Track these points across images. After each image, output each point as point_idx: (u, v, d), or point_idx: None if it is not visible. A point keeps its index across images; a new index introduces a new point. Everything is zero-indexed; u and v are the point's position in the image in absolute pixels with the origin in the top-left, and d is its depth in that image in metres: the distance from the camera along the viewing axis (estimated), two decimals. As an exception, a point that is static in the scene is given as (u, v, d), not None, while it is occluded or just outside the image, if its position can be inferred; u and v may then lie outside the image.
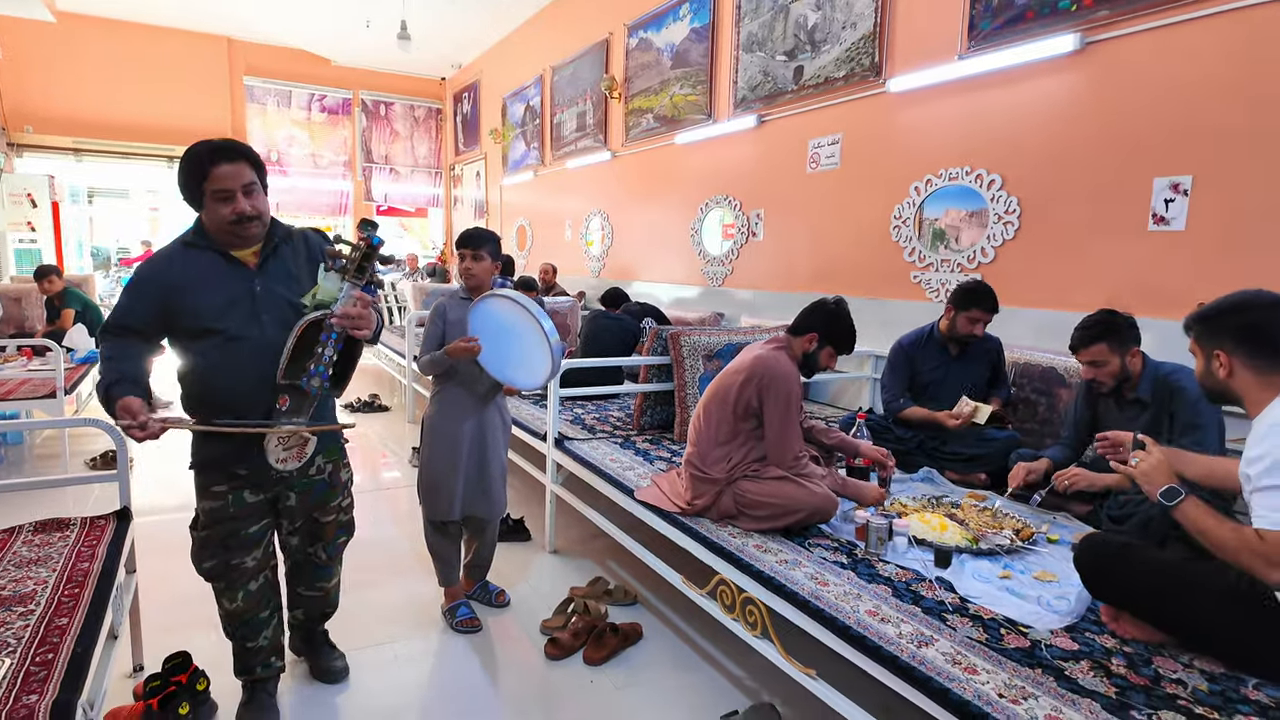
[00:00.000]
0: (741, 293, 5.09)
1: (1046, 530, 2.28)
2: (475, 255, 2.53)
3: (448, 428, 2.54)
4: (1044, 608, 1.79)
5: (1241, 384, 1.56)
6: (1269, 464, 1.43)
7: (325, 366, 1.74)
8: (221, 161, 1.73)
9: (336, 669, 2.26)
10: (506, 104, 8.76)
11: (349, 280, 1.75)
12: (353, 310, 1.74)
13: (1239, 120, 2.59)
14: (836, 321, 2.40)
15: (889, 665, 1.58)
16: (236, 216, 1.74)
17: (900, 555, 2.08)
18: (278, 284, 1.83)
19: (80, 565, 1.90)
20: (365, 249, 1.75)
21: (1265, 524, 1.41)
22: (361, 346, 1.87)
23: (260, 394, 1.77)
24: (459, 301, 2.57)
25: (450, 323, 2.53)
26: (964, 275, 3.55)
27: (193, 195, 1.77)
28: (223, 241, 1.80)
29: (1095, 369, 2.39)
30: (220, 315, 1.76)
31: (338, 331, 1.73)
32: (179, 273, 1.77)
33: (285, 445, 1.77)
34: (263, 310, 1.79)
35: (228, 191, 1.73)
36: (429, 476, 2.57)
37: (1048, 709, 1.39)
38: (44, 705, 1.29)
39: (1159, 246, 2.82)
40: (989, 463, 2.79)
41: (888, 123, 3.92)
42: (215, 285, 1.78)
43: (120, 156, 9.17)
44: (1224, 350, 1.57)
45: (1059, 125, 3.15)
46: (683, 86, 5.52)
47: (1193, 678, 1.50)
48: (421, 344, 2.59)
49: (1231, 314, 1.59)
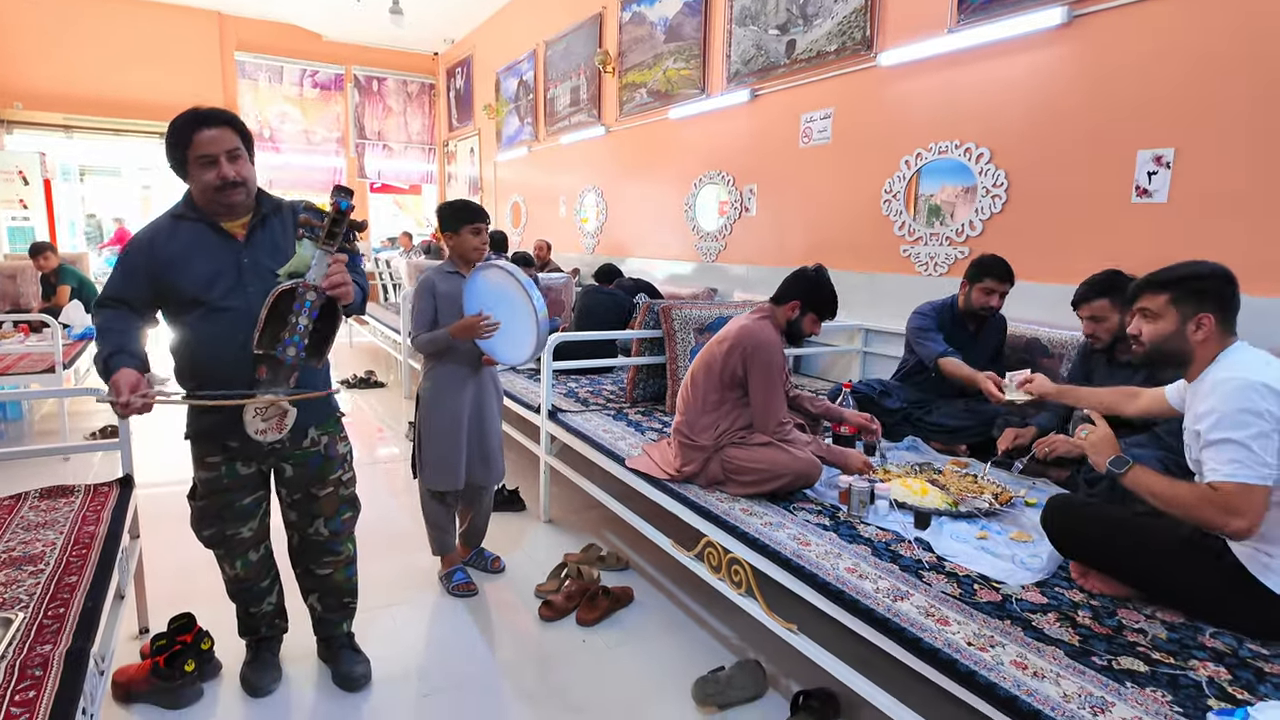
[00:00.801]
0: (735, 268, 5.13)
1: (1025, 495, 2.35)
2: (487, 229, 2.56)
3: (447, 400, 2.58)
4: (1017, 565, 1.86)
5: (1205, 348, 1.63)
6: (1216, 419, 1.51)
7: (300, 336, 1.72)
8: (204, 127, 1.74)
9: (356, 675, 2.13)
10: (500, 79, 8.71)
11: (321, 247, 1.73)
12: (336, 278, 1.73)
13: (1219, 93, 2.62)
14: (817, 288, 2.45)
15: (865, 618, 1.65)
16: (220, 182, 1.74)
17: (881, 518, 2.15)
18: (264, 256, 1.83)
19: (86, 529, 1.96)
20: (335, 214, 1.73)
21: (1218, 476, 1.48)
22: (339, 315, 1.82)
23: (245, 365, 1.76)
24: (446, 275, 2.58)
25: (440, 296, 2.54)
26: (953, 249, 3.60)
27: (179, 164, 1.78)
28: (210, 212, 1.80)
29: (1095, 324, 2.44)
30: (207, 286, 1.77)
31: (310, 300, 1.72)
32: (167, 244, 1.78)
33: (264, 416, 1.76)
34: (249, 282, 1.79)
35: (210, 156, 1.74)
36: (433, 449, 2.60)
37: (1013, 655, 1.46)
38: (58, 654, 1.36)
39: (1142, 218, 2.87)
40: (972, 434, 2.86)
41: (879, 97, 3.94)
42: (202, 256, 1.78)
43: (111, 133, 9.12)
44: (1209, 314, 1.62)
45: (1046, 98, 3.18)
46: (676, 61, 5.51)
47: (1154, 627, 1.58)
48: (412, 320, 2.61)
49: (1217, 279, 1.65)
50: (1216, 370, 1.60)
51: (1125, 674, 1.40)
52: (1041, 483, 2.52)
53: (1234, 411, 1.49)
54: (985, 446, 2.77)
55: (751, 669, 2.12)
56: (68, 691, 1.28)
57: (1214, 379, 1.58)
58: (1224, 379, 1.55)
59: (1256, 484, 1.45)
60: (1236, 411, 1.49)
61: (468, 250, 2.56)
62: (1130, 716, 1.28)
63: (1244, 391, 1.49)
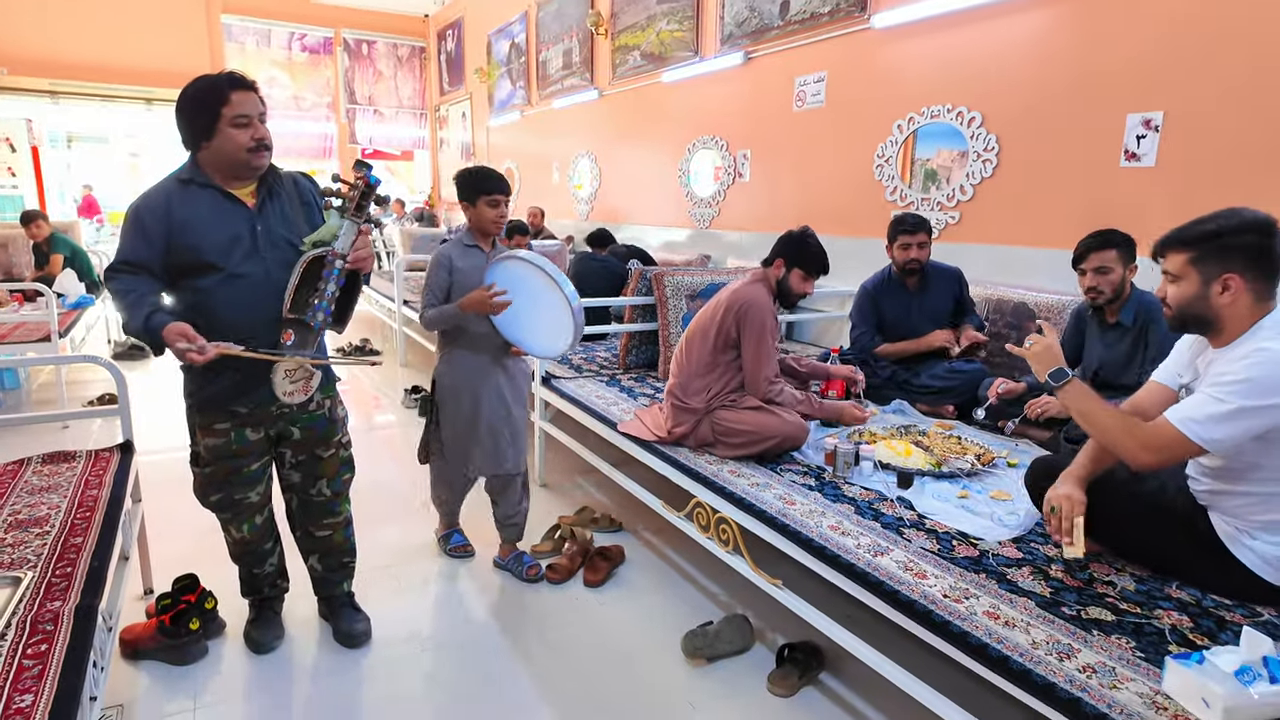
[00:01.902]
0: (729, 234, 5.13)
1: (1007, 455, 2.40)
2: (507, 201, 2.40)
3: (465, 386, 2.46)
4: (995, 522, 1.92)
5: (1237, 310, 1.50)
6: (1232, 379, 1.43)
7: (328, 302, 1.80)
8: (240, 89, 1.76)
9: (357, 632, 2.19)
10: (491, 41, 8.59)
11: (349, 218, 1.80)
12: (363, 252, 1.82)
13: (1209, 56, 2.62)
14: (802, 245, 2.48)
15: (846, 573, 1.71)
16: (256, 143, 1.78)
17: (865, 478, 2.21)
18: (277, 224, 1.87)
19: (89, 493, 2.01)
20: (364, 188, 1.81)
21: (1175, 415, 1.49)
22: (361, 284, 1.92)
23: (263, 331, 1.81)
24: (465, 249, 2.42)
25: (458, 271, 2.40)
26: (943, 214, 3.61)
27: (207, 124, 1.75)
28: (225, 176, 1.82)
29: (1100, 276, 2.40)
30: (224, 251, 1.79)
31: (339, 268, 1.79)
32: (179, 208, 1.78)
33: (292, 379, 1.83)
34: (264, 248, 1.83)
35: (247, 116, 1.76)
36: (449, 436, 2.51)
37: (986, 606, 1.53)
38: (68, 610, 1.41)
39: (1130, 182, 2.88)
40: (958, 395, 2.91)
41: (872, 60, 3.92)
42: (217, 221, 1.80)
43: (98, 99, 9.00)
44: (1236, 272, 1.47)
45: (1038, 62, 3.17)
46: (669, 22, 5.44)
47: (1123, 579, 1.64)
48: (424, 295, 2.44)
49: (1240, 233, 1.48)
50: (1256, 338, 1.46)
51: (1093, 623, 1.47)
52: (1024, 444, 2.58)
53: (1263, 379, 1.39)
54: (971, 406, 2.82)
55: (739, 623, 2.19)
56: (78, 645, 1.33)
57: (1253, 347, 1.44)
58: (1268, 349, 1.42)
59: (1196, 444, 1.45)
60: (1266, 380, 1.39)
61: (485, 223, 2.40)
62: (1094, 661, 1.35)
63: None
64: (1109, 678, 1.30)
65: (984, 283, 3.30)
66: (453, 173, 2.71)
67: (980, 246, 3.47)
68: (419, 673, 2.09)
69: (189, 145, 1.82)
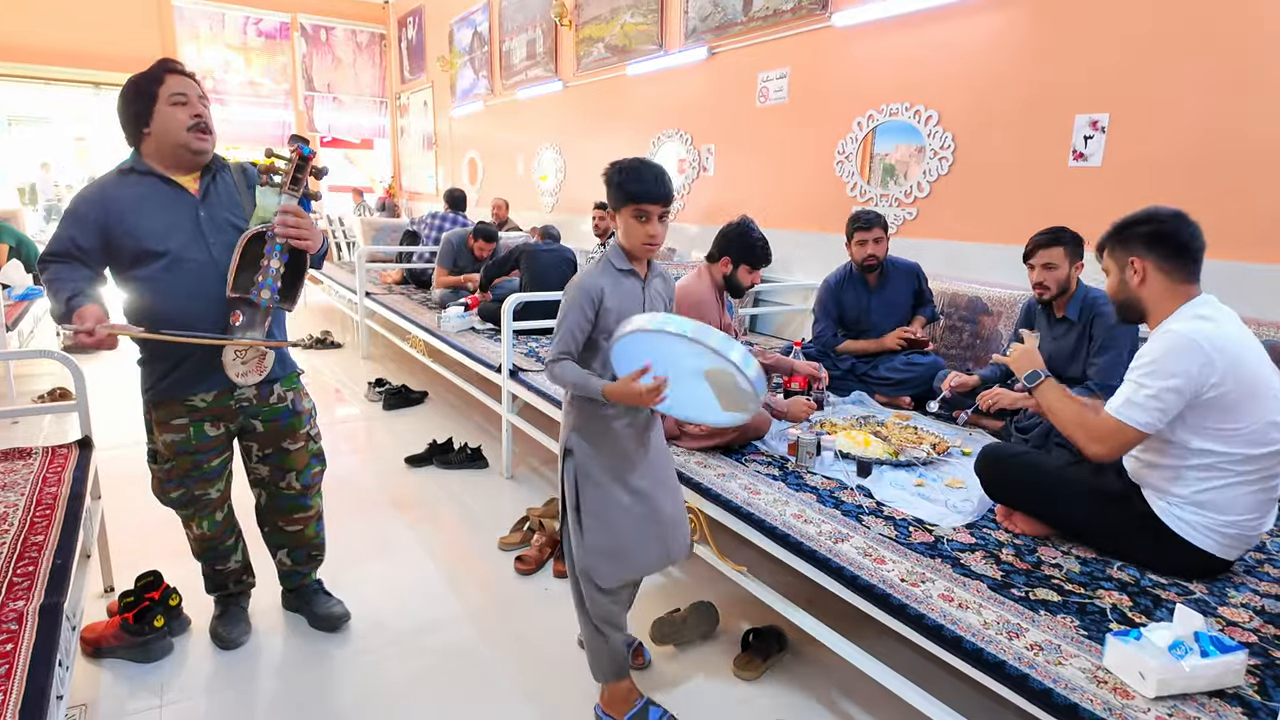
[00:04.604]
0: (692, 228, 5.18)
1: (961, 445, 2.50)
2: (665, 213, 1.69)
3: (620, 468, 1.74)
4: (949, 509, 2.00)
5: (1152, 292, 1.67)
6: (1147, 361, 1.60)
7: (273, 279, 1.77)
8: (175, 73, 1.79)
9: (336, 614, 2.21)
10: (453, 29, 8.48)
11: (285, 193, 1.78)
12: (290, 220, 1.77)
13: (1153, 60, 2.74)
14: (745, 239, 2.48)
15: (808, 559, 1.77)
16: (195, 121, 1.78)
17: (826, 467, 2.28)
18: (221, 209, 1.85)
19: (48, 490, 1.97)
20: (298, 160, 1.78)
21: (1110, 407, 1.63)
22: (307, 259, 1.87)
23: (211, 315, 1.79)
24: (617, 275, 1.71)
25: (607, 311, 1.67)
26: (901, 210, 3.71)
27: (144, 108, 1.76)
28: (168, 164, 1.81)
29: (1048, 271, 2.50)
30: (164, 237, 1.77)
31: (281, 243, 1.77)
32: (117, 197, 1.77)
33: (243, 359, 1.82)
34: (209, 234, 1.81)
35: (184, 96, 1.77)
36: (603, 533, 1.74)
37: (941, 589, 1.60)
38: (32, 609, 1.40)
39: (1078, 182, 3.00)
40: (914, 386, 3.00)
41: (833, 57, 3.99)
42: (157, 208, 1.79)
43: (42, 81, 8.66)
44: (1137, 256, 1.67)
45: (992, 62, 3.27)
46: (633, 15, 5.45)
47: (1069, 561, 1.73)
48: (556, 336, 1.69)
49: (1141, 223, 1.69)
50: (1169, 321, 1.63)
51: (1040, 603, 1.55)
52: (978, 433, 2.67)
53: (1163, 358, 1.56)
54: (927, 397, 2.91)
55: (705, 610, 2.24)
56: (44, 644, 1.32)
57: (1164, 328, 1.62)
58: (1172, 330, 1.59)
59: (1132, 429, 1.59)
60: (1165, 359, 1.56)
61: (636, 244, 1.69)
62: (1040, 639, 1.42)
63: (1181, 348, 1.55)
64: (1054, 654, 1.38)
65: (940, 277, 3.40)
66: (409, 161, 2.64)
67: (936, 242, 3.57)
68: (388, 665, 2.10)
69: (132, 138, 1.82)
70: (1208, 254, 1.68)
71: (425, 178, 10.04)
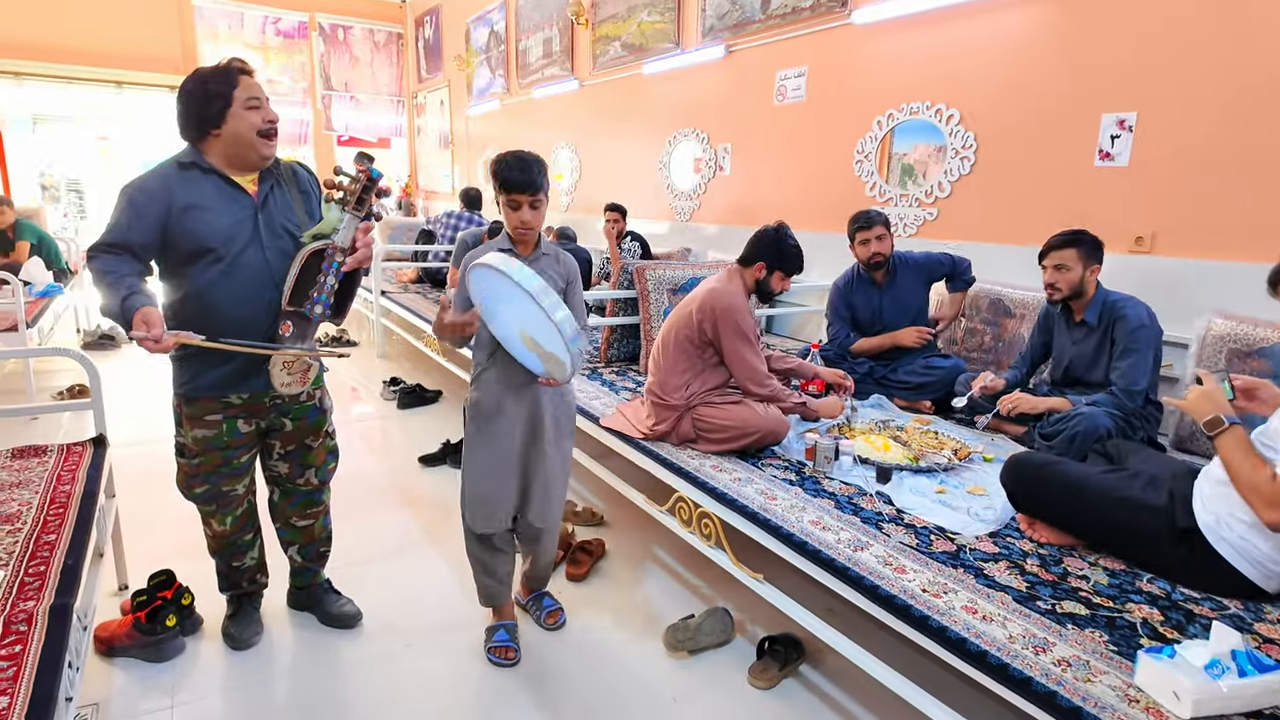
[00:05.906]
0: (709, 228, 5.13)
1: (983, 450, 2.44)
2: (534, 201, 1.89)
3: (495, 419, 2.00)
4: (972, 517, 1.95)
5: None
6: None
7: (327, 295, 1.78)
8: (248, 75, 1.79)
9: (348, 613, 2.23)
10: (470, 28, 8.48)
11: (349, 212, 1.78)
12: (364, 251, 1.80)
13: (1181, 58, 2.67)
14: (781, 246, 2.47)
15: (826, 567, 1.73)
16: (268, 125, 1.79)
17: (845, 473, 2.23)
18: (278, 213, 1.87)
19: (62, 488, 1.97)
20: (365, 181, 1.78)
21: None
22: (360, 277, 1.89)
23: (260, 320, 1.80)
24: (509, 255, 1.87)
25: None
26: (922, 210, 3.65)
27: (219, 109, 1.75)
28: (231, 164, 1.81)
29: (1059, 273, 2.46)
30: (225, 238, 1.78)
31: (339, 262, 1.77)
32: (181, 191, 1.76)
33: (290, 370, 1.82)
34: (265, 238, 1.83)
35: (258, 100, 1.78)
36: (472, 482, 2.04)
37: (965, 601, 1.56)
38: (42, 610, 1.39)
39: (1103, 182, 2.93)
40: (935, 389, 2.95)
41: (852, 55, 3.93)
42: (219, 207, 1.79)
43: (64, 81, 8.76)
44: None
45: (1016, 60, 3.20)
46: (650, 13, 5.41)
47: (1096, 573, 1.68)
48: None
49: None
50: None
51: (1067, 616, 1.50)
52: (1000, 439, 2.62)
53: None
54: (948, 401, 2.86)
55: (720, 616, 2.21)
56: (53, 645, 1.31)
57: None
58: None
59: None
60: None
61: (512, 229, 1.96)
62: (1069, 655, 1.38)
63: None
64: (1083, 671, 1.33)
65: (961, 279, 3.34)
66: (425, 160, 2.63)
67: (957, 243, 3.50)
68: (399, 667, 2.08)
69: (194, 134, 1.80)
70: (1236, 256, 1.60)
71: (442, 177, 10.06)
